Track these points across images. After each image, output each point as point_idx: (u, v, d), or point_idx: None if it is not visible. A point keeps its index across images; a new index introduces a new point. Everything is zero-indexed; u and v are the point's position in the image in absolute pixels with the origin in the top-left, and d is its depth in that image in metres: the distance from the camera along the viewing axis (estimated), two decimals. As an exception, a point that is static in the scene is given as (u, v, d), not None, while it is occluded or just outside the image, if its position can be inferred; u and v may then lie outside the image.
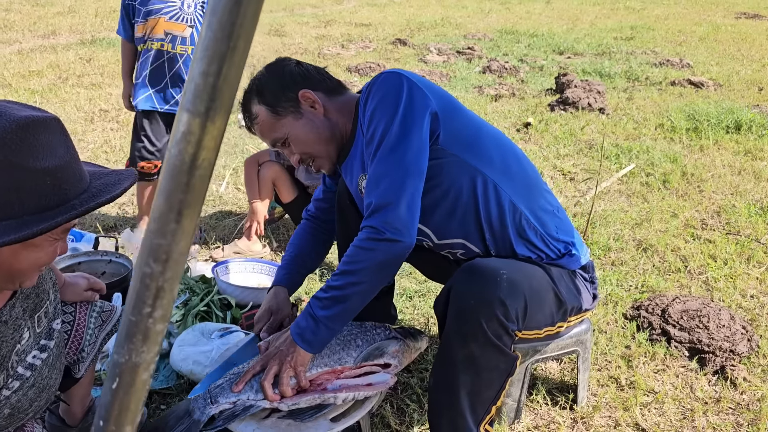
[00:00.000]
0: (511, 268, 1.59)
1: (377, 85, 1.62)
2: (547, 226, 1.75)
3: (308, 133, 1.72)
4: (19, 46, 8.34)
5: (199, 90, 0.56)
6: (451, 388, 1.61)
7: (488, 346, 1.54)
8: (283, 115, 1.71)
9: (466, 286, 1.55)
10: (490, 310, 1.51)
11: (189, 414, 1.55)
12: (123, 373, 0.65)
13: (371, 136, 1.60)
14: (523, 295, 1.55)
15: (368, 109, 1.61)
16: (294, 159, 1.77)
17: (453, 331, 1.58)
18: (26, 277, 1.29)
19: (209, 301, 2.33)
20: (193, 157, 0.57)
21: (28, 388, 1.43)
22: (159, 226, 0.60)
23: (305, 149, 1.75)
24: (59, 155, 1.19)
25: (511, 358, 1.60)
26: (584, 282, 1.83)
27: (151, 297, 0.62)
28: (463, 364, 1.59)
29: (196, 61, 0.56)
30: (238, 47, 0.56)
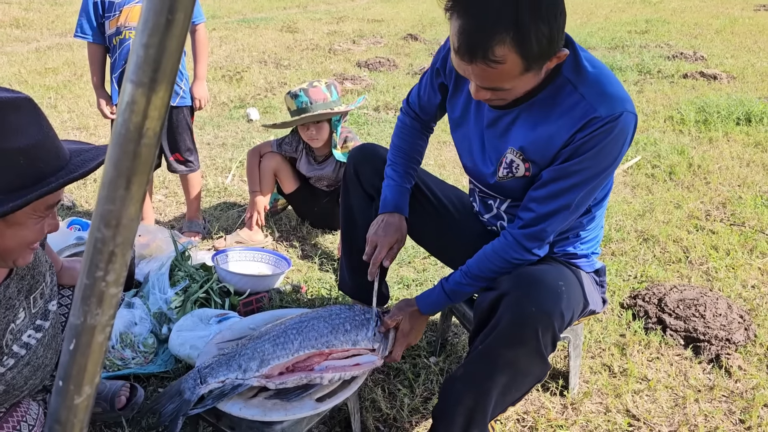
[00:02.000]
0: (564, 279, 1.60)
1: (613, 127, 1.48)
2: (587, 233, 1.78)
3: (527, 86, 1.48)
4: (37, 44, 8.47)
5: (141, 61, 0.59)
6: (483, 386, 1.59)
7: (535, 354, 1.54)
8: (532, 70, 1.41)
9: (527, 294, 1.53)
10: (549, 321, 1.50)
11: (180, 394, 1.59)
12: (80, 335, 0.68)
13: (583, 166, 1.53)
14: (572, 309, 1.58)
15: (589, 143, 1.50)
16: (482, 97, 1.51)
17: (504, 335, 1.54)
18: (17, 255, 1.33)
19: (208, 288, 2.37)
20: (139, 126, 0.60)
21: (23, 366, 1.48)
22: (108, 192, 0.63)
23: (506, 97, 1.51)
24: (31, 134, 1.22)
25: (547, 366, 1.61)
26: (595, 285, 1.83)
27: (103, 261, 0.65)
28: (504, 366, 1.57)
29: (137, 34, 0.59)
30: (176, 20, 0.58)
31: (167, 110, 0.61)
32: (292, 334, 1.67)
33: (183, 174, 3.09)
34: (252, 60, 7.66)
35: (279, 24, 10.58)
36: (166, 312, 2.27)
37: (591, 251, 1.81)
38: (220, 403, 1.55)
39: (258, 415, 1.53)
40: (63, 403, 0.70)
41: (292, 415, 1.54)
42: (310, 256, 2.95)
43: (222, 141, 4.64)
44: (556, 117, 1.54)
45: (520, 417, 1.93)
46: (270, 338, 1.67)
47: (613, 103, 1.48)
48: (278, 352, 1.64)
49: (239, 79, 6.55)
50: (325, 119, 2.90)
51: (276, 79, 6.66)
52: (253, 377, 1.60)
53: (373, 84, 6.43)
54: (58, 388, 0.70)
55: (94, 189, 3.66)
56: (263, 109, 5.44)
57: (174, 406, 1.58)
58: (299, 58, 7.82)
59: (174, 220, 3.38)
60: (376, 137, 4.68)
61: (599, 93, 1.50)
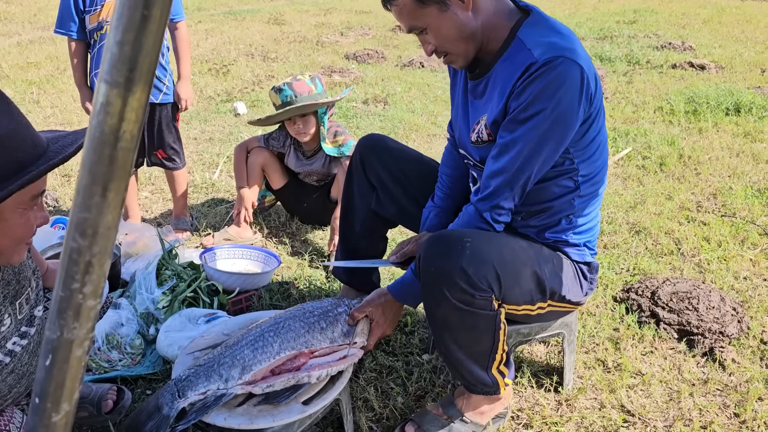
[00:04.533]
0: (479, 237, 1.58)
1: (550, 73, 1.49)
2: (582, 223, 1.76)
3: (450, 29, 1.58)
4: (19, 38, 8.35)
5: (116, 60, 0.55)
6: (443, 345, 1.66)
7: (457, 310, 1.55)
8: (427, 4, 1.55)
9: (429, 254, 1.56)
10: (450, 279, 1.51)
11: (158, 409, 1.53)
12: (56, 350, 0.64)
13: (524, 115, 1.53)
14: (491, 264, 1.53)
15: (530, 89, 1.51)
16: (428, 49, 1.65)
17: (424, 296, 1.63)
18: (10, 253, 1.29)
19: (196, 287, 2.33)
20: (115, 129, 0.56)
21: (7, 374, 1.44)
22: (83, 199, 0.59)
23: (442, 44, 1.62)
24: (3, 124, 1.18)
25: (489, 317, 1.57)
26: (580, 277, 1.80)
27: (79, 272, 0.61)
28: (441, 324, 1.62)
29: (112, 30, 0.55)
30: (153, 15, 0.54)
31: (145, 112, 0.57)
32: (270, 337, 1.63)
33: (168, 171, 3.04)
34: (239, 53, 7.57)
35: (266, 16, 10.48)
36: (153, 312, 2.23)
37: (584, 242, 1.78)
38: (204, 416, 1.51)
39: (244, 424, 1.49)
40: (40, 421, 0.67)
41: (280, 421, 1.50)
42: (300, 253, 2.91)
43: (209, 136, 4.58)
44: (507, 75, 1.58)
45: (514, 414, 1.91)
46: (248, 343, 1.62)
47: (553, 50, 1.49)
48: (259, 356, 1.60)
49: (226, 72, 6.48)
50: (310, 112, 2.86)
51: (263, 72, 6.58)
52: (236, 385, 1.56)
53: (361, 76, 6.38)
54: (34, 406, 0.66)
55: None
56: (250, 103, 5.38)
57: (153, 423, 1.52)
58: (287, 51, 7.75)
59: (161, 216, 3.33)
60: (365, 130, 4.63)
61: (544, 43, 1.52)
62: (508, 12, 1.63)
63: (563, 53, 1.48)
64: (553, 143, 1.55)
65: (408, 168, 2.09)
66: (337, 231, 2.77)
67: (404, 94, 5.76)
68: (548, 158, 1.58)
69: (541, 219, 1.73)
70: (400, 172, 2.07)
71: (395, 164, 2.07)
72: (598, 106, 1.62)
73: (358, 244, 2.20)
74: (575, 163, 1.64)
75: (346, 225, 2.22)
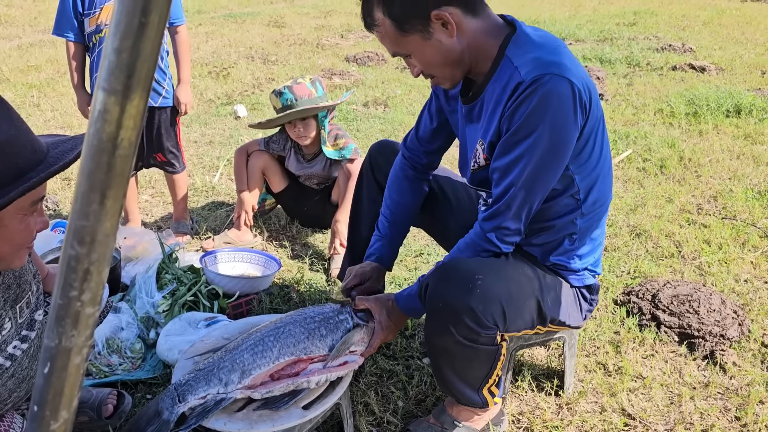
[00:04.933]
0: (489, 271, 1.56)
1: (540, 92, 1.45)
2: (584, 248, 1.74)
3: (434, 55, 1.54)
4: (19, 41, 8.36)
5: (113, 67, 0.55)
6: (438, 367, 1.68)
7: (460, 345, 1.56)
8: (409, 33, 1.51)
9: (438, 287, 1.55)
10: (457, 317, 1.51)
11: (158, 414, 1.53)
12: (54, 358, 0.64)
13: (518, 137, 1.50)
14: (499, 302, 1.52)
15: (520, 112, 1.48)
16: (413, 71, 1.62)
17: (428, 326, 1.62)
18: (10, 258, 1.29)
19: (196, 291, 2.33)
20: (113, 137, 0.56)
21: (7, 378, 1.44)
22: (81, 206, 0.59)
23: (428, 69, 1.60)
24: (3, 130, 1.17)
25: (490, 351, 1.59)
26: (580, 300, 1.79)
27: (78, 280, 0.61)
28: (441, 352, 1.62)
29: (110, 37, 0.55)
30: (151, 22, 0.54)
31: (143, 119, 0.57)
32: (269, 342, 1.63)
33: (167, 174, 3.04)
34: (239, 56, 7.58)
35: (266, 19, 10.49)
36: (153, 316, 2.22)
37: (585, 267, 1.76)
38: (204, 420, 1.50)
39: (244, 429, 1.49)
40: (39, 429, 0.66)
41: (280, 426, 1.50)
42: (301, 256, 2.91)
43: (209, 139, 4.58)
44: (498, 96, 1.55)
45: (515, 418, 1.91)
46: (247, 348, 1.62)
47: (539, 67, 1.46)
48: (258, 361, 1.60)
49: (226, 75, 6.48)
50: (311, 115, 2.86)
51: (263, 74, 6.59)
52: (236, 389, 1.56)
53: (361, 79, 6.38)
54: (33, 414, 0.66)
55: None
56: (251, 106, 5.38)
57: (153, 428, 1.51)
58: (287, 53, 7.76)
59: (161, 220, 3.33)
60: (365, 133, 4.63)
61: (530, 60, 1.49)
62: (496, 29, 1.58)
63: (549, 69, 1.44)
64: (553, 161, 1.52)
65: None
66: (338, 234, 2.78)
67: (404, 96, 5.77)
68: (551, 176, 1.55)
69: (544, 237, 1.71)
70: None
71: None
72: (597, 117, 1.58)
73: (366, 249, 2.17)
74: (575, 180, 1.61)
75: (353, 232, 2.21)
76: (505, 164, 1.54)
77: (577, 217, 1.67)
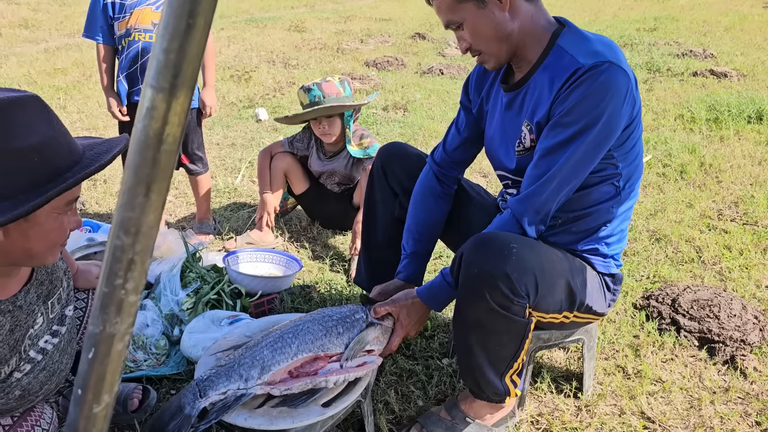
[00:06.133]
0: (523, 244, 1.58)
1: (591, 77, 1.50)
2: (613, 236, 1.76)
3: (485, 27, 1.60)
4: (46, 45, 8.51)
5: (161, 66, 0.58)
6: (466, 346, 1.67)
7: (494, 313, 1.56)
8: (468, 2, 1.59)
9: (474, 255, 1.57)
10: (493, 282, 1.53)
11: (180, 409, 1.55)
12: (98, 344, 0.67)
13: (568, 119, 1.54)
14: (532, 273, 1.54)
15: (573, 95, 1.52)
16: (462, 46, 1.68)
17: (461, 296, 1.64)
18: (44, 255, 1.33)
19: (220, 290, 2.37)
20: (159, 132, 0.59)
21: (39, 371, 1.48)
22: (128, 199, 0.62)
23: (477, 42, 1.65)
24: (41, 131, 1.21)
25: (521, 324, 1.60)
26: (604, 288, 1.81)
27: (122, 269, 0.64)
28: (473, 325, 1.63)
29: (158, 39, 0.58)
30: (197, 25, 0.57)
31: (187, 116, 0.60)
32: (288, 338, 1.66)
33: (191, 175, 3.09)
34: (260, 60, 7.66)
35: (287, 23, 10.58)
36: (177, 313, 2.27)
37: (612, 255, 1.80)
38: (225, 415, 1.53)
39: (264, 425, 1.52)
40: (81, 412, 0.69)
41: (299, 422, 1.52)
42: (321, 257, 2.94)
43: (231, 141, 4.64)
44: (549, 81, 1.60)
45: (534, 419, 1.92)
46: (267, 344, 1.65)
47: (598, 56, 1.52)
48: (277, 357, 1.62)
49: (248, 79, 6.55)
50: (337, 113, 2.90)
51: (284, 78, 6.65)
52: (255, 385, 1.58)
53: (381, 83, 6.42)
54: (76, 397, 0.69)
55: (104, 190, 3.67)
56: (272, 109, 5.44)
57: (175, 423, 1.54)
58: (307, 58, 7.82)
59: (184, 220, 3.38)
60: (385, 136, 4.67)
61: (587, 50, 1.55)
62: (547, 21, 1.66)
63: (608, 58, 1.51)
64: (596, 148, 1.55)
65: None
66: (358, 235, 2.80)
67: (424, 101, 5.79)
68: (590, 163, 1.58)
69: (582, 225, 1.73)
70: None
71: (417, 170, 2.09)
72: (639, 111, 1.64)
73: (382, 254, 2.20)
74: (618, 167, 1.65)
75: (368, 235, 2.22)
76: (552, 145, 1.57)
77: (615, 205, 1.70)
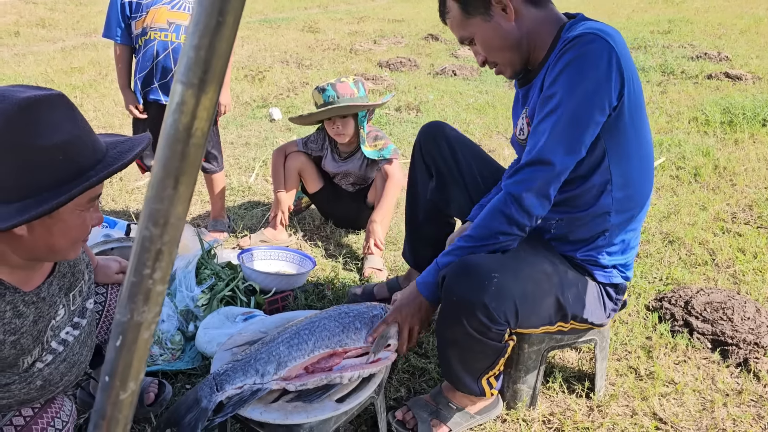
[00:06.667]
0: (507, 270, 1.59)
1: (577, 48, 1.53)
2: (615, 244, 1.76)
3: (494, 38, 1.69)
4: (63, 43, 8.59)
5: (191, 62, 0.59)
6: (444, 356, 1.74)
7: (470, 337, 1.62)
8: (472, 15, 1.68)
9: (454, 281, 1.61)
10: (471, 310, 1.57)
11: (197, 402, 1.57)
12: (126, 332, 0.69)
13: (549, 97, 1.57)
14: (512, 300, 1.58)
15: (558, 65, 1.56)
16: (479, 60, 1.77)
17: (441, 316, 1.68)
18: (66, 251, 1.36)
19: (234, 287, 2.39)
20: (188, 127, 0.61)
21: (59, 362, 1.51)
22: (157, 192, 0.64)
23: (489, 53, 1.73)
24: (66, 130, 1.24)
25: (497, 347, 1.65)
26: (604, 298, 1.82)
27: (150, 259, 0.66)
28: (450, 342, 1.70)
29: (189, 36, 0.60)
30: (227, 22, 0.59)
31: (215, 111, 0.62)
32: (305, 335, 1.67)
33: (206, 173, 3.11)
34: (274, 60, 7.70)
35: (300, 24, 10.62)
36: (192, 309, 2.29)
37: (614, 266, 1.78)
38: (240, 409, 1.56)
39: (279, 419, 1.53)
40: (108, 398, 0.71)
41: (314, 417, 1.54)
42: (334, 256, 2.96)
43: (245, 140, 4.67)
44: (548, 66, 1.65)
45: (545, 419, 1.93)
46: (284, 340, 1.67)
47: (585, 29, 1.55)
48: (294, 353, 1.64)
49: (261, 78, 6.59)
50: (351, 113, 2.92)
51: (298, 78, 6.68)
52: (271, 380, 1.60)
53: (394, 84, 6.44)
54: (104, 384, 0.71)
55: (120, 187, 3.71)
56: (285, 109, 5.47)
57: (192, 416, 1.56)
58: (321, 58, 7.85)
59: (199, 218, 3.41)
60: (398, 137, 4.68)
61: (579, 29, 1.58)
62: (556, 20, 1.69)
63: (592, 30, 1.53)
64: (584, 116, 1.53)
65: (463, 158, 2.16)
66: (373, 234, 2.83)
67: (437, 101, 5.80)
68: (582, 133, 1.54)
69: (578, 233, 1.73)
70: (454, 162, 2.15)
71: (451, 154, 2.16)
72: (634, 95, 1.59)
73: (423, 229, 2.33)
74: (607, 156, 1.61)
75: (410, 211, 2.35)
76: (540, 118, 1.59)
77: (611, 213, 1.69)
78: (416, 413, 1.84)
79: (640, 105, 1.64)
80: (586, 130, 1.55)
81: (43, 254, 1.34)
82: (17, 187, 1.20)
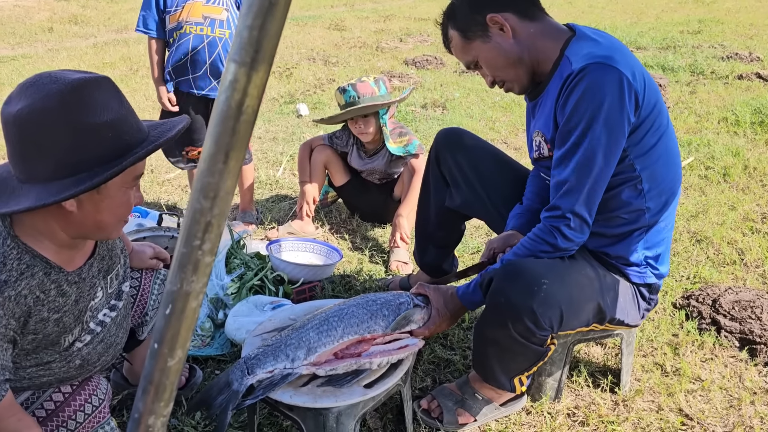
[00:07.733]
0: (555, 276, 1.62)
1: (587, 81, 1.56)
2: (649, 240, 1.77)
3: (496, 57, 1.74)
4: (95, 39, 8.75)
5: (244, 42, 0.63)
6: (482, 353, 1.77)
7: (513, 340, 1.64)
8: (472, 39, 1.74)
9: (502, 284, 1.64)
10: (518, 316, 1.60)
11: (228, 385, 1.61)
12: (175, 301, 0.72)
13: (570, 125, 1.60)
14: (559, 307, 1.60)
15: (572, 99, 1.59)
16: (487, 81, 1.83)
17: (485, 316, 1.71)
18: (112, 228, 1.42)
19: (263, 276, 2.44)
20: (239, 104, 0.64)
21: (97, 342, 1.56)
22: (208, 166, 0.67)
23: (495, 73, 1.78)
24: (114, 109, 1.30)
25: (539, 351, 1.67)
26: (638, 299, 1.83)
27: (200, 231, 0.69)
28: (491, 342, 1.72)
29: (242, 16, 0.63)
30: (279, 3, 0.62)
31: (264, 89, 0.65)
32: (334, 322, 1.71)
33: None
34: (301, 57, 7.76)
35: (327, 22, 10.69)
36: (222, 298, 2.34)
37: (647, 263, 1.79)
38: (270, 393, 1.59)
39: (309, 402, 1.57)
40: (157, 365, 0.75)
41: (342, 402, 1.57)
42: (361, 249, 2.99)
43: (273, 135, 4.73)
44: (554, 90, 1.67)
45: (570, 411, 1.94)
46: (313, 327, 1.70)
47: (587, 58, 1.57)
48: (323, 339, 1.67)
49: (289, 75, 6.65)
50: (371, 112, 2.94)
51: (324, 75, 6.73)
52: (301, 365, 1.63)
53: (420, 81, 6.46)
54: (152, 351, 0.74)
55: (152, 179, 3.78)
56: (312, 105, 5.52)
57: (223, 398, 1.60)
58: (347, 56, 7.90)
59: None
60: (423, 134, 4.70)
61: (582, 54, 1.60)
62: (556, 32, 1.71)
63: (596, 60, 1.55)
64: (605, 147, 1.58)
65: (482, 165, 2.15)
66: (399, 227, 2.85)
67: (462, 99, 5.81)
68: (606, 163, 1.60)
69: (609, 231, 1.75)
70: (473, 170, 2.14)
71: (468, 162, 2.14)
72: (655, 111, 1.64)
73: (434, 234, 2.35)
74: (636, 169, 1.66)
75: (422, 212, 2.36)
76: (561, 154, 1.64)
77: (643, 210, 1.71)
78: (441, 402, 1.86)
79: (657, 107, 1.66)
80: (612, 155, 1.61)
81: (91, 231, 1.39)
82: (72, 163, 1.26)
